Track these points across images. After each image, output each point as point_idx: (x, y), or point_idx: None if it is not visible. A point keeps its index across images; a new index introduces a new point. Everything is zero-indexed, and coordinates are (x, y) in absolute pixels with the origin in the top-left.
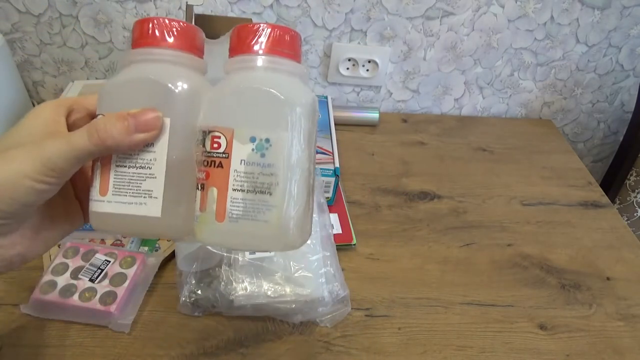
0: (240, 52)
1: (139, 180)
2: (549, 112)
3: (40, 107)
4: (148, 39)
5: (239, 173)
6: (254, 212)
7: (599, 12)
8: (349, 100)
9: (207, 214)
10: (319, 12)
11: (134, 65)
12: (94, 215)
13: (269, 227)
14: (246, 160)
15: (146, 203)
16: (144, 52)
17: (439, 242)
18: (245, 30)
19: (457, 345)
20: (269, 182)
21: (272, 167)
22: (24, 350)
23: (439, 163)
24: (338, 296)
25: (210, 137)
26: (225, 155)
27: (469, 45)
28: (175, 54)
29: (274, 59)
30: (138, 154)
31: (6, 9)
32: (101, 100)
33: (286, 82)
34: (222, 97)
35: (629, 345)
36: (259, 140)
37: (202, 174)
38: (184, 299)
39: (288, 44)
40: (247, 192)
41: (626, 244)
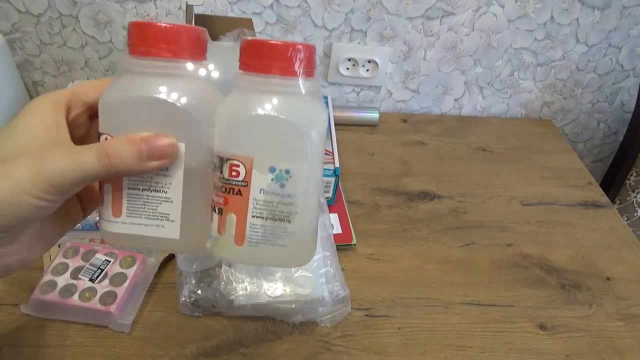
0: (256, 70)
1: (154, 203)
2: (549, 112)
3: (37, 104)
4: (152, 48)
5: (258, 201)
6: (273, 238)
7: (599, 12)
8: (349, 100)
9: (225, 237)
10: (319, 12)
11: (139, 79)
12: (108, 235)
13: (287, 250)
14: (265, 190)
15: (163, 226)
16: (150, 65)
17: (439, 242)
18: (261, 47)
19: (457, 345)
20: (288, 210)
21: (292, 197)
22: (24, 350)
23: (439, 163)
24: (338, 296)
25: (229, 165)
26: (245, 183)
27: (469, 45)
28: (184, 67)
29: (293, 82)
30: (152, 177)
31: (6, 9)
32: (106, 117)
33: (306, 108)
34: (240, 124)
35: (629, 345)
36: (279, 171)
37: (220, 199)
38: (184, 299)
39: (306, 62)
40: (266, 219)
41: (626, 244)
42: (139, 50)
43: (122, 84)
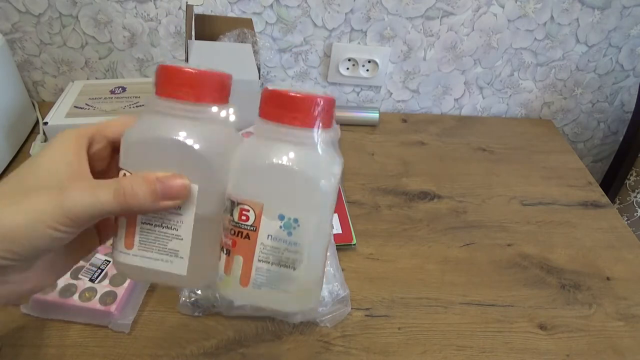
0: (274, 119)
1: (165, 240)
2: (549, 112)
3: (61, 138)
4: (177, 91)
5: (265, 246)
6: (277, 283)
7: (599, 12)
8: (349, 100)
9: (231, 277)
10: (319, 12)
11: (161, 119)
12: (120, 265)
13: (290, 295)
14: (273, 236)
15: (172, 262)
16: (173, 107)
17: (439, 242)
18: (282, 98)
19: (457, 345)
20: (294, 258)
21: (298, 246)
22: (24, 350)
23: (439, 163)
24: (338, 296)
25: (239, 209)
26: (253, 228)
27: (469, 45)
28: (206, 111)
29: (309, 134)
30: (164, 214)
31: (6, 9)
32: (126, 153)
33: (320, 160)
34: (253, 171)
35: (629, 345)
36: (287, 219)
37: (229, 241)
38: (184, 299)
39: (325, 114)
40: (272, 264)
41: (626, 244)
42: (164, 91)
43: (145, 123)
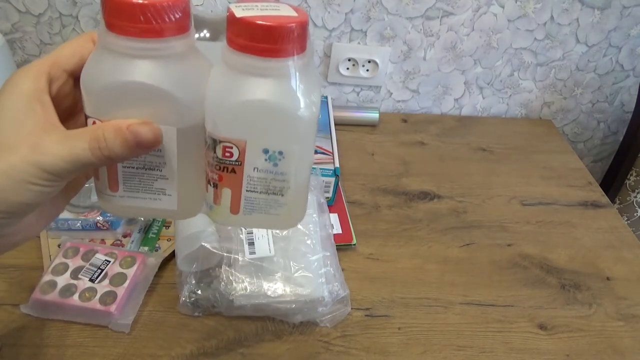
0: (244, 50)
1: (149, 180)
2: (549, 112)
3: (16, 80)
4: (131, 27)
5: (252, 178)
6: (266, 208)
7: (599, 12)
8: (349, 100)
9: (221, 207)
10: (319, 12)
11: (121, 61)
12: (107, 206)
13: (279, 218)
14: (259, 168)
15: (161, 199)
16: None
17: (439, 242)
18: (250, 27)
19: (457, 345)
20: (281, 186)
21: (285, 175)
22: (24, 350)
23: (439, 163)
24: (338, 296)
25: (222, 147)
26: (238, 163)
27: (469, 45)
28: (169, 46)
29: (284, 64)
30: (145, 158)
31: (6, 9)
32: (91, 100)
33: (299, 91)
34: (230, 109)
35: (629, 345)
36: (272, 152)
37: (215, 175)
38: (184, 299)
39: (299, 40)
40: (260, 193)
41: (626, 244)
42: (116, 27)
43: (104, 66)
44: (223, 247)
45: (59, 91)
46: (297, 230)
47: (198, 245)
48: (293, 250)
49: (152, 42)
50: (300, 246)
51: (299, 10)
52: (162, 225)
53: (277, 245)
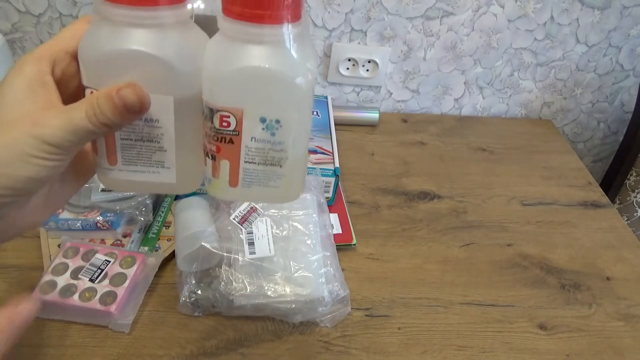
0: (239, 17)
1: (148, 152)
2: (549, 112)
3: (20, 65)
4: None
5: (250, 149)
6: (265, 180)
7: (599, 12)
8: (349, 100)
9: (220, 180)
10: (319, 12)
11: (117, 30)
12: (106, 180)
13: (279, 190)
14: (257, 138)
15: (159, 172)
16: (127, 15)
17: (439, 242)
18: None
19: (457, 345)
20: (279, 156)
21: (282, 144)
22: (24, 350)
23: (439, 163)
24: (338, 296)
25: (219, 116)
26: (236, 132)
27: (469, 45)
28: (164, 14)
29: (279, 31)
30: (143, 129)
31: (6, 9)
32: (88, 70)
33: (293, 57)
34: (227, 77)
35: (629, 345)
36: (270, 121)
37: (213, 147)
38: (184, 299)
39: (293, 6)
40: (258, 164)
41: (626, 244)
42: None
43: (100, 36)
44: (223, 247)
45: (63, 73)
46: (297, 230)
47: (198, 245)
48: (293, 250)
49: (148, 11)
50: (300, 246)
51: None
52: (162, 225)
53: (277, 245)
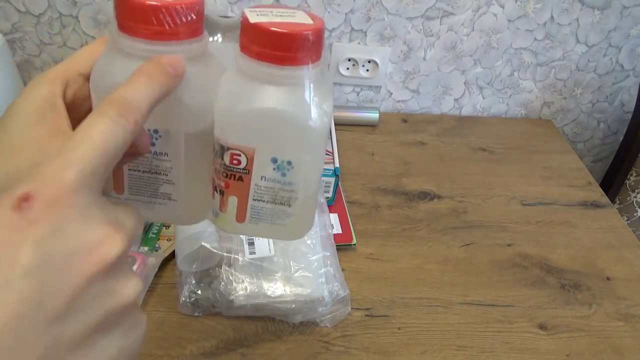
0: (257, 57)
1: (155, 184)
2: (549, 112)
3: (31, 87)
4: (144, 29)
5: (259, 187)
6: (273, 218)
7: (599, 12)
8: (349, 100)
9: (227, 215)
10: (319, 12)
11: (131, 62)
12: None
13: (286, 228)
14: (267, 177)
15: (166, 204)
16: (142, 48)
17: (439, 242)
18: (264, 34)
19: (457, 345)
20: (289, 196)
21: (293, 185)
22: None
23: (439, 163)
24: (338, 296)
25: (230, 154)
26: (246, 171)
27: (469, 45)
28: (184, 48)
29: (297, 73)
30: (151, 161)
31: (6, 9)
32: (100, 99)
33: (312, 100)
34: (240, 116)
35: (629, 345)
36: (281, 162)
37: (222, 183)
38: (184, 299)
39: (314, 48)
40: (267, 203)
41: (626, 244)
42: (128, 29)
43: (114, 65)
44: (223, 247)
45: (76, 95)
46: None
47: (198, 245)
48: (293, 250)
49: (164, 45)
50: (300, 246)
51: (314, 17)
52: (162, 225)
53: (277, 245)
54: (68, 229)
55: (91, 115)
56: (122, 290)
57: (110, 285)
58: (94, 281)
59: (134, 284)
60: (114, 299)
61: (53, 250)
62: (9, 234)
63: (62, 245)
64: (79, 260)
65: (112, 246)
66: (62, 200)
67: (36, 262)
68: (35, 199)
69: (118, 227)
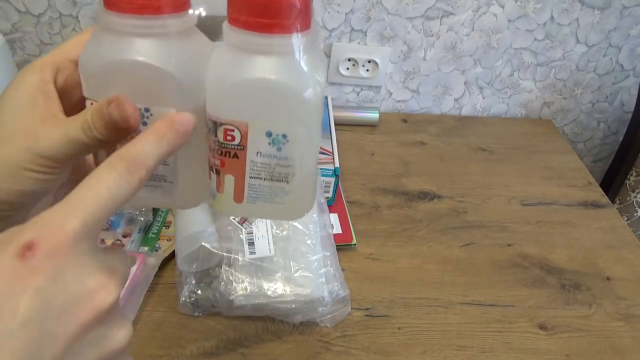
0: (245, 27)
1: None
2: (549, 112)
3: (22, 74)
4: (129, 4)
5: (255, 163)
6: (271, 196)
7: (599, 12)
8: (349, 100)
9: (224, 195)
10: (319, 12)
11: (117, 39)
12: None
13: (285, 207)
14: (262, 153)
15: (161, 186)
16: (129, 24)
17: (439, 242)
18: (252, 1)
19: (457, 345)
20: (286, 172)
21: (289, 160)
22: None
23: (439, 163)
24: (338, 296)
25: (223, 129)
26: (241, 147)
27: (469, 45)
28: (168, 23)
29: (286, 41)
30: None
31: (6, 9)
32: (88, 81)
33: (301, 68)
34: (231, 89)
35: (629, 345)
36: (276, 135)
37: (217, 161)
38: (184, 299)
39: (303, 15)
40: (264, 180)
41: (626, 244)
42: (113, 5)
43: (100, 46)
44: (223, 247)
45: (66, 82)
46: (297, 230)
47: (198, 245)
48: (293, 250)
49: (150, 20)
50: (300, 246)
51: None
52: (162, 225)
53: (277, 245)
54: (67, 277)
55: (100, 168)
56: (115, 336)
57: (104, 332)
58: (90, 329)
59: (125, 330)
60: (108, 344)
61: (52, 299)
62: (12, 282)
63: (61, 294)
64: (76, 309)
65: (107, 294)
66: (63, 249)
67: (36, 310)
68: (37, 248)
69: (111, 273)
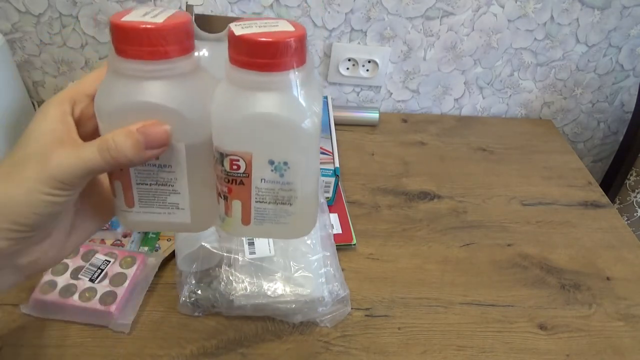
0: (246, 66)
1: (163, 195)
2: (549, 112)
3: (43, 108)
4: (138, 51)
5: (260, 189)
6: (276, 218)
7: (599, 12)
8: (349, 100)
9: (233, 218)
10: (319, 12)
11: (129, 83)
12: (125, 222)
13: (289, 227)
14: (266, 179)
15: (174, 213)
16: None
17: (439, 242)
18: (249, 45)
19: (457, 345)
20: (289, 195)
21: (291, 184)
22: (24, 350)
23: (439, 163)
24: (338, 296)
25: (229, 160)
26: (246, 175)
27: (469, 45)
28: (174, 66)
29: (284, 78)
30: (157, 174)
31: (6, 9)
32: (104, 121)
33: (300, 102)
34: (234, 123)
35: (629, 345)
36: (278, 163)
37: (225, 188)
38: (184, 299)
39: (298, 53)
40: (269, 203)
41: (626, 244)
42: (124, 52)
43: (112, 89)
44: (223, 247)
45: (82, 114)
46: None
47: (198, 245)
48: (293, 250)
49: (158, 64)
50: (300, 246)
51: (297, 25)
52: None
53: (277, 245)
54: None
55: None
56: None
57: None
58: None
59: None
60: None
61: None
62: None
63: None
64: None
65: None
66: None
67: None
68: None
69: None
